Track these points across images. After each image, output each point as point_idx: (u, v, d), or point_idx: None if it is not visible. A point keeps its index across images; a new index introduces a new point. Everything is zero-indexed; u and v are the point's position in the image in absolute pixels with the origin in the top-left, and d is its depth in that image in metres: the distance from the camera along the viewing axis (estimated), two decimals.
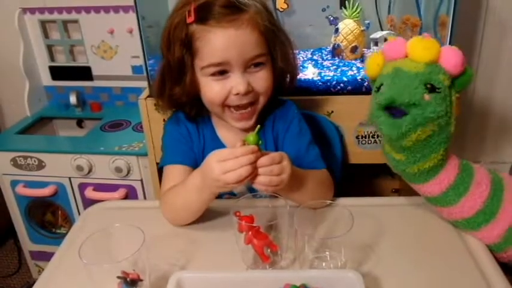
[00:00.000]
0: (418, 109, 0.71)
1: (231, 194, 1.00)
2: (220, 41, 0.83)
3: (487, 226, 0.78)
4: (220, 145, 0.97)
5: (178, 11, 0.87)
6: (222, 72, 0.85)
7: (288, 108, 0.99)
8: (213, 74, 0.86)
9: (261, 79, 0.87)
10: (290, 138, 0.96)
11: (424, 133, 0.74)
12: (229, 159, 0.75)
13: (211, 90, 0.87)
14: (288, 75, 0.95)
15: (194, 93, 0.89)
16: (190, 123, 0.97)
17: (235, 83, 0.85)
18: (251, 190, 0.99)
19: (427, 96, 0.71)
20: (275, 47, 0.89)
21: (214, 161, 0.76)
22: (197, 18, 0.83)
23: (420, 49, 0.73)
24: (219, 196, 1.00)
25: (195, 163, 0.95)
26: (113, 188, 1.55)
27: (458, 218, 0.80)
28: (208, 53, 0.84)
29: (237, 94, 0.85)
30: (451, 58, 0.73)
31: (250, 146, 0.76)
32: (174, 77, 0.89)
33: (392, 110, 0.74)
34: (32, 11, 1.73)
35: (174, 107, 0.96)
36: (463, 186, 0.78)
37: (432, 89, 0.71)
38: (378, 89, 0.77)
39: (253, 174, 0.75)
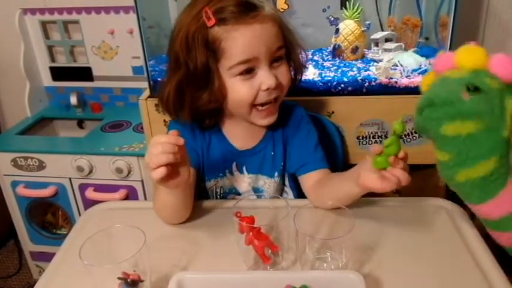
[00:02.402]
0: (455, 105, 0.68)
1: (236, 194, 1.01)
2: (248, 37, 0.83)
3: None
4: (225, 142, 0.97)
5: (192, 17, 0.85)
6: (248, 70, 0.86)
7: (296, 111, 1.00)
8: (241, 74, 0.85)
9: (284, 72, 0.89)
10: (298, 139, 0.97)
11: (464, 127, 0.68)
12: (157, 143, 0.73)
13: (240, 90, 0.86)
14: (297, 70, 0.97)
15: (221, 99, 0.88)
16: (197, 123, 0.97)
17: (265, 78, 0.86)
18: (255, 190, 1.00)
19: (466, 95, 0.68)
20: (289, 40, 0.91)
21: (149, 146, 0.75)
22: (218, 20, 0.83)
23: (465, 55, 0.70)
24: (223, 196, 1.01)
25: (197, 163, 0.95)
26: (113, 188, 1.55)
27: None
28: (237, 50, 0.84)
29: (267, 89, 0.86)
30: (499, 63, 0.68)
31: (175, 132, 0.75)
32: (197, 83, 0.87)
33: None
34: (33, 11, 1.73)
35: (195, 118, 0.93)
36: None
37: (475, 90, 0.67)
38: None
39: (176, 161, 0.73)
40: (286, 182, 1.02)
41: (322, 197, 0.87)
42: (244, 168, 0.99)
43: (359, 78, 1.23)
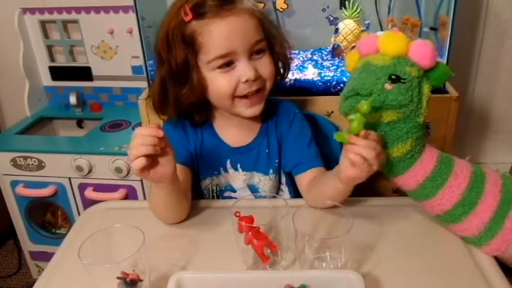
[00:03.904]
0: (380, 97, 0.74)
1: (232, 191, 1.01)
2: (223, 31, 0.84)
3: (467, 218, 0.78)
4: (218, 140, 0.98)
5: (172, 15, 0.87)
6: (228, 63, 0.86)
7: (289, 109, 1.00)
8: (220, 67, 0.86)
9: (265, 64, 0.89)
10: (292, 136, 0.97)
11: (386, 116, 0.76)
12: (137, 136, 0.75)
13: (219, 83, 0.87)
14: (283, 63, 0.97)
15: (201, 92, 0.89)
16: (189, 120, 0.97)
17: (244, 70, 0.86)
18: (250, 187, 1.00)
19: (388, 86, 0.74)
20: (271, 33, 0.91)
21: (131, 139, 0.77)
22: (195, 15, 0.84)
23: (388, 43, 0.76)
24: (219, 194, 1.01)
25: (191, 162, 0.96)
26: (112, 188, 1.55)
27: (439, 212, 0.80)
28: (214, 45, 0.84)
29: (246, 81, 0.86)
30: (418, 50, 0.75)
31: (155, 125, 0.76)
32: (179, 78, 0.88)
33: None
34: (32, 11, 1.73)
35: (181, 113, 0.94)
36: (440, 178, 0.78)
37: (397, 79, 0.74)
38: None
39: (156, 153, 0.75)
40: (283, 180, 1.02)
41: (316, 197, 0.87)
42: (238, 166, 0.99)
43: None
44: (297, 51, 1.45)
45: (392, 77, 0.74)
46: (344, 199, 0.84)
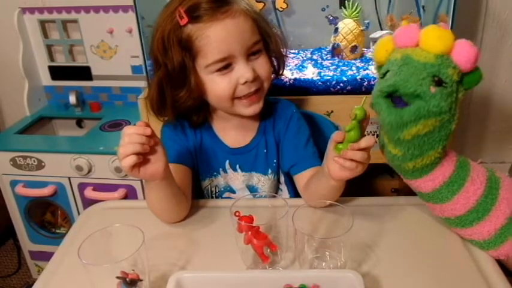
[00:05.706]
0: (422, 101, 0.69)
1: (231, 192, 1.01)
2: (220, 35, 0.83)
3: (479, 224, 0.76)
4: (217, 140, 0.98)
5: (166, 18, 0.87)
6: (226, 66, 0.86)
7: (287, 107, 1.00)
8: (218, 70, 0.86)
9: (262, 65, 0.89)
10: (289, 135, 0.97)
11: (425, 127, 0.71)
12: (125, 135, 0.76)
13: (219, 86, 0.87)
14: (278, 60, 0.97)
15: (199, 95, 0.89)
16: (187, 121, 0.97)
17: (242, 72, 0.86)
18: (249, 188, 1.00)
19: (433, 89, 0.69)
20: (266, 32, 0.91)
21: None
22: (190, 19, 0.84)
23: (433, 39, 0.70)
24: (218, 195, 1.01)
25: (191, 162, 0.96)
26: (112, 187, 1.55)
27: (451, 216, 0.79)
28: (212, 49, 0.84)
29: (245, 83, 0.86)
30: (464, 52, 0.69)
31: (142, 123, 0.76)
32: (176, 82, 0.88)
33: (395, 99, 0.72)
34: (31, 10, 1.73)
35: (179, 115, 0.95)
36: (457, 183, 0.77)
37: (439, 83, 0.69)
38: (384, 75, 0.75)
39: (144, 152, 0.76)
40: (282, 179, 1.02)
41: (312, 196, 0.87)
42: (237, 166, 0.99)
43: (358, 77, 1.23)
44: (296, 51, 1.45)
45: (435, 79, 0.69)
46: (340, 194, 0.85)
